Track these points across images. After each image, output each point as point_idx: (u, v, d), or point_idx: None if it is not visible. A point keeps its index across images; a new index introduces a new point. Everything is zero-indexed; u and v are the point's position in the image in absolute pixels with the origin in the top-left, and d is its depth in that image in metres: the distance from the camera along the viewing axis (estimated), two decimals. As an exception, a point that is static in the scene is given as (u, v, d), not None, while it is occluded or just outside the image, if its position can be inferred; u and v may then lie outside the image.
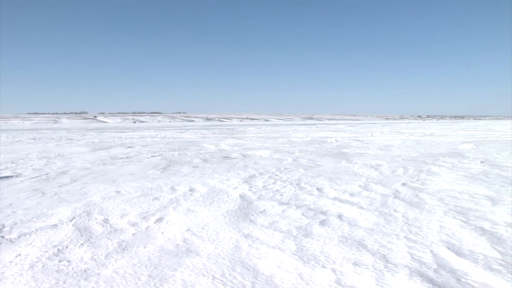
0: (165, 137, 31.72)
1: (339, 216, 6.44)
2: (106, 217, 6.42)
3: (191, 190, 8.60)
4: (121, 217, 6.43)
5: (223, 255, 4.69)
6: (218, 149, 19.12)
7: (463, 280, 4.04)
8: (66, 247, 5.01)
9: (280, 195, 8.06)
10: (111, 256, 4.68)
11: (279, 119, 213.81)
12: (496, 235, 5.46)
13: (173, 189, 8.67)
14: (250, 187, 8.92)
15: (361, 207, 7.02)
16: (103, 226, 5.94)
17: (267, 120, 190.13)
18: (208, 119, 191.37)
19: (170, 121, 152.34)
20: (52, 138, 30.62)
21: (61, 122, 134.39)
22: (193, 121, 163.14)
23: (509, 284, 3.92)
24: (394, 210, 6.81)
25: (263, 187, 8.95)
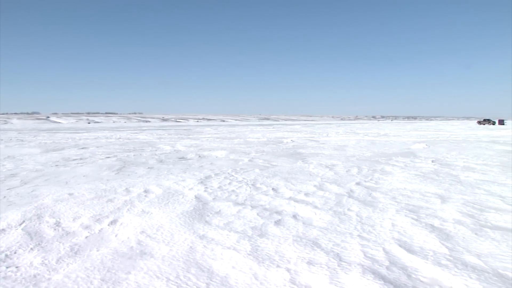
0: (120, 138, 31.29)
1: (294, 216, 6.50)
2: (58, 220, 6.27)
3: (146, 191, 8.50)
4: (73, 220, 6.29)
5: (178, 257, 4.67)
6: (174, 150, 18.98)
7: (413, 276, 4.16)
8: (15, 253, 4.87)
9: (236, 196, 8.07)
10: (63, 260, 4.58)
11: (236, 120, 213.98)
12: (445, 231, 5.64)
13: (127, 191, 8.55)
14: (206, 188, 8.89)
15: (316, 207, 7.10)
16: (54, 229, 5.80)
17: (223, 121, 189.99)
18: (164, 120, 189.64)
19: (125, 122, 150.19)
20: (2, 139, 29.74)
21: (12, 123, 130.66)
22: (149, 121, 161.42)
23: (456, 278, 4.05)
24: (348, 209, 6.92)
25: (218, 187, 8.93)
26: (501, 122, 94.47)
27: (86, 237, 5.45)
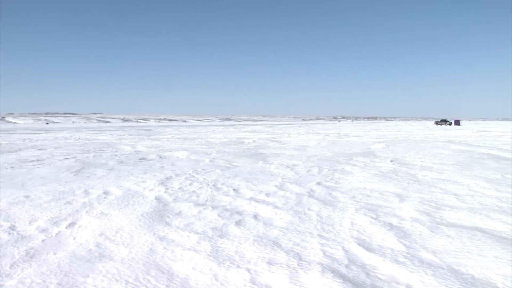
0: (79, 138, 30.71)
1: (255, 216, 6.52)
2: (13, 223, 6.10)
3: (105, 193, 8.38)
4: (29, 223, 6.13)
5: (138, 259, 4.62)
6: (135, 151, 18.77)
7: (372, 274, 4.23)
8: (-33, 258, 4.72)
9: (197, 196, 8.04)
10: (17, 265, 4.46)
11: (198, 120, 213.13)
12: (402, 229, 5.76)
13: (86, 193, 8.41)
14: (167, 188, 8.83)
15: (277, 207, 7.14)
16: (9, 233, 5.63)
17: (185, 121, 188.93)
18: (125, 120, 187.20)
19: (85, 122, 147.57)
20: (-46, 141, 28.79)
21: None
22: (110, 122, 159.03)
23: (413, 274, 4.15)
24: (309, 209, 6.98)
25: (179, 188, 8.88)
26: (457, 123, 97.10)
27: (43, 241, 5.32)
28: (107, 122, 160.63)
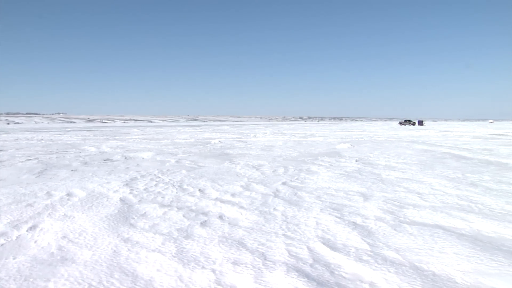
0: (42, 139, 30.07)
1: (220, 217, 6.51)
2: (-29, 227, 5.94)
3: (68, 194, 8.23)
4: (-12, 226, 5.98)
5: (101, 261, 4.55)
6: (99, 152, 18.50)
7: (336, 272, 4.28)
8: None
9: (162, 197, 7.98)
10: (-25, 270, 4.34)
11: (164, 120, 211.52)
12: (366, 228, 5.84)
13: (49, 194, 8.24)
14: (131, 190, 8.73)
15: (242, 207, 7.15)
16: (-33, 237, 5.49)
17: (151, 122, 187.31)
18: (89, 121, 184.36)
19: (48, 123, 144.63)
20: None
21: None
22: (74, 122, 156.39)
23: (376, 272, 4.22)
24: (274, 209, 7.01)
25: (144, 189, 8.80)
26: (421, 123, 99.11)
27: (2, 245, 5.18)
28: (71, 122, 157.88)
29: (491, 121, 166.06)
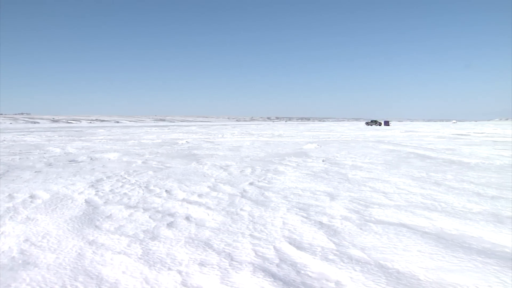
0: (4, 140, 29.41)
1: (187, 218, 6.48)
2: None
3: (31, 197, 8.06)
4: None
5: (65, 265, 4.48)
6: (64, 153, 18.19)
7: (302, 272, 4.31)
8: None
9: (128, 199, 7.90)
10: None
11: (131, 121, 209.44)
12: (332, 228, 5.90)
13: (11, 197, 8.05)
14: (97, 191, 8.61)
15: (209, 208, 7.13)
16: None
17: (118, 122, 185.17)
18: (54, 121, 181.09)
19: (11, 123, 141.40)
20: None
21: None
22: (38, 123, 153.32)
23: (342, 271, 4.27)
24: (241, 209, 7.02)
25: (110, 191, 8.69)
26: (387, 123, 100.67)
27: (-38, 249, 5.07)
28: (35, 123, 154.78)
29: (455, 121, 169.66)
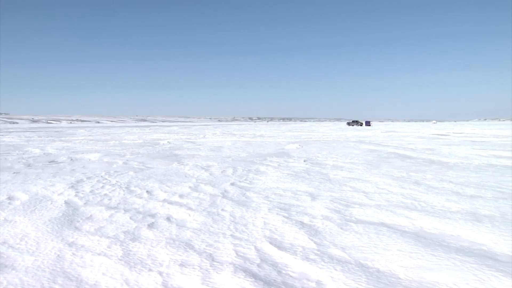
0: (-18, 141, 28.99)
1: (168, 218, 6.46)
2: None
3: (10, 198, 7.95)
4: None
5: (44, 267, 4.42)
6: (44, 153, 17.98)
7: (283, 271, 4.32)
8: None
9: (109, 200, 7.84)
10: None
11: (112, 121, 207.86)
12: (313, 227, 5.93)
13: (-12, 199, 7.94)
14: (77, 192, 8.53)
15: (190, 208, 7.11)
16: None
17: (98, 122, 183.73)
18: (34, 121, 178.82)
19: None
20: None
21: None
22: (17, 123, 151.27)
23: (322, 271, 4.30)
24: (222, 210, 7.02)
25: (90, 191, 8.62)
26: (368, 124, 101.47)
27: None
28: (14, 123, 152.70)
29: (435, 121, 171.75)
